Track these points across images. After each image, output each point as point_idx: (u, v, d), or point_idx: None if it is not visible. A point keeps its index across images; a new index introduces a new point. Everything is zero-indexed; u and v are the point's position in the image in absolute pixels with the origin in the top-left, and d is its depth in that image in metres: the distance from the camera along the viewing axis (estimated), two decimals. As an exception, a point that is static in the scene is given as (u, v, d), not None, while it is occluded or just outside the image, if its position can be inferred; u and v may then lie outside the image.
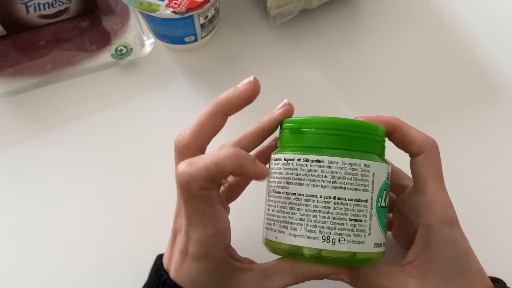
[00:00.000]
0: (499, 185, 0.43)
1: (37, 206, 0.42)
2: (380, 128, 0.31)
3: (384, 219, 0.30)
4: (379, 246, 0.29)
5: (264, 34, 0.50)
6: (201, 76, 0.48)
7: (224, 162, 0.26)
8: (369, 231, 0.29)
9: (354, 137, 0.29)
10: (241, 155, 0.27)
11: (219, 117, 0.30)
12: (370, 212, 0.29)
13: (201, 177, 0.26)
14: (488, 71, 0.48)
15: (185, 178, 0.27)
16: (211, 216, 0.28)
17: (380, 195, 0.29)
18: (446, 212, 0.30)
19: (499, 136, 0.45)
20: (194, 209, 0.28)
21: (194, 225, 0.28)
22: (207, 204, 0.28)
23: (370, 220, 0.29)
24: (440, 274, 0.30)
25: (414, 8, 0.52)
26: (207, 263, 0.29)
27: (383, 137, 0.31)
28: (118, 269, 0.39)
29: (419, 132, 0.32)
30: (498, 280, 0.32)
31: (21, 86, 0.46)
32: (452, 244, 0.30)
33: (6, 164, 0.44)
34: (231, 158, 0.26)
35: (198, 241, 0.28)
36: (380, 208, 0.29)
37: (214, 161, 0.26)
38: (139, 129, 0.45)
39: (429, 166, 0.31)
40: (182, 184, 0.27)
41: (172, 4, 0.42)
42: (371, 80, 0.48)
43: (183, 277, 0.30)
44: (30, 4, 0.46)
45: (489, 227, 0.40)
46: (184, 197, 0.28)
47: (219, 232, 0.29)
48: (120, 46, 0.48)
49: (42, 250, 0.40)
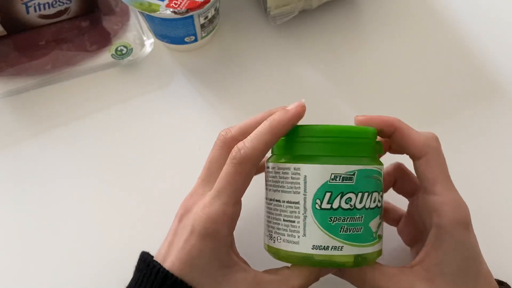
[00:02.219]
0: (499, 185, 0.43)
1: (37, 206, 0.42)
2: (316, 129, 0.30)
3: (330, 222, 0.29)
4: (321, 248, 0.29)
5: (264, 34, 0.50)
6: (201, 76, 0.48)
7: (270, 133, 0.30)
8: (304, 232, 0.29)
9: (289, 142, 0.31)
10: (276, 119, 0.30)
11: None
12: (304, 213, 0.29)
13: (254, 151, 0.29)
14: (488, 71, 0.48)
15: (243, 153, 0.29)
16: (237, 198, 0.30)
17: (318, 196, 0.29)
18: (460, 213, 0.30)
19: (499, 136, 0.45)
20: (232, 182, 0.29)
21: (220, 197, 0.29)
22: (244, 184, 0.30)
23: (304, 221, 0.29)
24: (448, 277, 0.29)
25: (414, 8, 0.52)
26: (211, 242, 0.29)
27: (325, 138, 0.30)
28: (118, 269, 0.39)
29: (419, 133, 0.32)
30: (503, 283, 0.32)
31: (21, 86, 0.46)
32: (463, 247, 0.30)
33: (6, 164, 0.44)
34: (271, 126, 0.30)
35: (215, 215, 0.29)
36: (319, 210, 0.29)
37: (263, 135, 0.30)
38: (139, 129, 0.45)
39: (435, 167, 0.31)
40: (239, 158, 0.29)
41: (172, 4, 0.42)
42: (371, 80, 0.48)
43: (181, 259, 0.29)
44: (30, 4, 0.45)
45: (490, 228, 0.40)
46: (233, 168, 0.29)
47: (234, 214, 0.30)
48: (120, 46, 0.48)
49: (42, 250, 0.40)
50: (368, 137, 0.31)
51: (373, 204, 0.30)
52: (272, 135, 0.30)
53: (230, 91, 0.47)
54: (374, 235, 0.30)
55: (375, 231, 0.30)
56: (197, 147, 0.42)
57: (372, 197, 0.30)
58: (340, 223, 0.29)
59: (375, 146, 0.31)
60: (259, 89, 0.47)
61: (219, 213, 0.29)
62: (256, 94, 0.47)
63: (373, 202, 0.30)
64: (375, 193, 0.30)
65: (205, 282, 0.29)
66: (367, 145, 0.30)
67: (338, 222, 0.29)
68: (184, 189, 0.34)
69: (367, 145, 0.31)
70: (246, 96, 0.47)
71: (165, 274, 0.29)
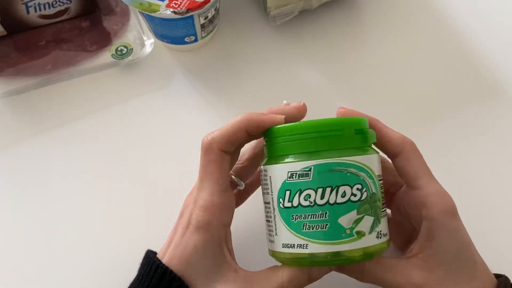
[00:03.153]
0: (499, 185, 0.43)
1: (37, 206, 0.42)
2: (278, 130, 0.30)
3: (292, 220, 0.29)
4: (289, 247, 0.29)
5: (264, 34, 0.50)
6: (201, 76, 0.48)
7: (240, 122, 0.31)
8: (276, 231, 0.30)
9: (266, 144, 0.32)
10: (251, 114, 0.31)
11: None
12: (273, 213, 0.30)
13: (221, 138, 0.31)
14: (488, 71, 0.48)
15: (208, 139, 0.31)
16: (221, 186, 0.31)
17: (281, 195, 0.29)
18: (446, 202, 0.30)
19: (499, 136, 0.45)
20: (208, 171, 0.31)
21: (204, 188, 0.31)
22: (221, 171, 0.31)
23: (274, 221, 0.30)
24: (446, 266, 0.30)
25: (414, 8, 0.52)
26: (205, 235, 0.30)
27: (284, 137, 0.30)
28: (118, 269, 0.39)
29: (394, 131, 0.32)
30: (500, 275, 0.33)
31: (21, 86, 0.46)
32: (456, 235, 0.30)
33: (6, 164, 0.44)
34: (243, 117, 0.31)
35: (203, 205, 0.30)
36: (283, 209, 0.29)
37: (231, 123, 0.31)
38: (139, 128, 0.45)
39: (414, 162, 0.31)
40: (205, 144, 0.31)
41: (172, 4, 0.42)
42: (371, 79, 0.48)
43: (179, 252, 0.30)
44: (31, 4, 0.45)
45: (489, 226, 0.40)
46: (203, 158, 0.31)
47: (223, 204, 0.31)
48: (120, 46, 0.48)
49: (42, 250, 0.40)
50: (333, 129, 0.29)
51: (341, 199, 0.28)
52: (239, 127, 0.31)
53: (230, 91, 0.47)
54: (348, 232, 0.28)
55: (350, 227, 0.28)
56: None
57: (339, 191, 0.28)
58: (302, 221, 0.28)
59: (348, 137, 0.29)
60: (259, 89, 0.47)
61: (207, 204, 0.30)
62: (256, 94, 0.47)
63: (342, 197, 0.28)
64: (344, 186, 0.28)
65: (198, 280, 0.30)
66: (333, 137, 0.29)
67: (300, 220, 0.28)
68: (185, 188, 0.34)
69: (333, 138, 0.29)
70: (246, 96, 0.47)
71: (164, 270, 0.30)
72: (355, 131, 0.30)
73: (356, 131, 0.30)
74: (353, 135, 0.30)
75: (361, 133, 0.30)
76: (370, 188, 0.29)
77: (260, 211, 0.33)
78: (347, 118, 0.31)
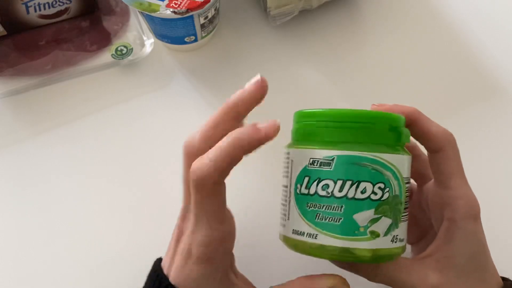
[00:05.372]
0: (499, 185, 0.43)
1: (37, 205, 0.42)
2: (303, 114, 0.29)
3: (306, 208, 0.28)
4: (298, 234, 0.28)
5: (264, 34, 0.50)
6: (201, 76, 0.48)
7: (233, 149, 0.26)
8: (288, 216, 0.29)
9: (294, 126, 0.30)
10: (241, 135, 0.27)
11: (229, 120, 0.30)
12: (289, 197, 0.29)
13: (215, 170, 0.26)
14: (488, 70, 0.48)
15: (199, 174, 0.27)
16: (219, 219, 0.28)
17: (299, 181, 0.28)
18: (471, 206, 0.30)
19: (499, 136, 0.45)
20: (204, 208, 0.28)
21: (201, 226, 0.28)
22: (218, 203, 0.28)
23: (289, 205, 0.29)
24: (459, 269, 0.30)
25: (414, 8, 0.52)
26: (209, 267, 0.29)
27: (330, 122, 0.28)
28: (118, 268, 0.39)
29: (438, 127, 0.31)
30: (507, 278, 0.32)
31: (21, 86, 0.46)
32: (474, 239, 0.30)
33: (6, 164, 0.44)
34: (234, 142, 0.27)
35: (203, 243, 0.28)
36: (298, 195, 0.28)
37: (223, 153, 0.26)
38: (139, 128, 0.45)
39: (452, 161, 0.30)
40: (197, 180, 0.27)
41: (172, 4, 0.42)
42: (371, 79, 0.48)
43: (182, 280, 0.29)
44: (30, 4, 0.46)
45: (490, 228, 0.40)
46: (197, 194, 0.27)
47: (225, 236, 0.29)
48: (120, 46, 0.48)
49: (42, 250, 0.40)
50: (365, 121, 0.28)
51: (361, 195, 0.27)
52: (234, 155, 0.27)
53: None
54: (362, 230, 0.27)
55: (365, 225, 0.27)
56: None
57: (360, 187, 0.27)
58: (316, 210, 0.27)
59: (380, 132, 0.28)
60: (259, 89, 0.47)
61: (207, 240, 0.28)
62: (256, 94, 0.47)
63: (362, 193, 0.27)
64: (365, 183, 0.27)
65: None
66: (363, 130, 0.28)
67: (314, 209, 0.28)
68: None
69: (363, 130, 0.28)
70: (246, 96, 0.47)
71: None
72: (389, 128, 0.28)
73: (391, 127, 0.28)
74: (386, 132, 0.28)
75: (394, 130, 0.28)
76: (394, 189, 0.28)
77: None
78: (383, 113, 0.29)
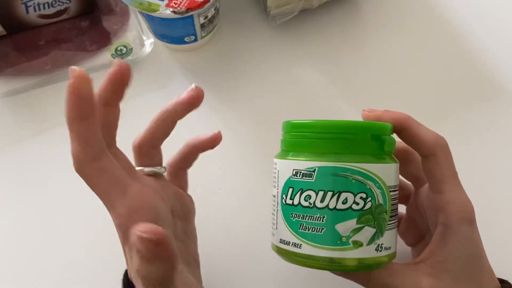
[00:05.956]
0: (499, 185, 0.43)
1: (37, 206, 0.42)
2: (290, 124, 0.30)
3: (291, 218, 0.28)
4: (285, 243, 0.29)
5: (264, 34, 0.50)
6: (201, 76, 0.48)
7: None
8: (276, 225, 0.30)
9: (282, 137, 0.31)
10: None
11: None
12: (277, 207, 0.30)
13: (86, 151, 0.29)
14: (488, 71, 0.48)
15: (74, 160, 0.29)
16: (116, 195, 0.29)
17: (284, 191, 0.29)
18: (466, 211, 0.30)
19: (499, 136, 0.45)
20: (97, 191, 0.30)
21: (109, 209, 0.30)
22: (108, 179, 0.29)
23: (277, 215, 0.30)
24: (453, 273, 0.29)
25: (414, 8, 0.52)
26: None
27: (312, 133, 0.29)
28: (118, 269, 0.39)
29: (428, 131, 0.31)
30: (504, 281, 0.32)
31: (21, 86, 0.46)
32: (468, 243, 0.30)
33: (6, 164, 0.44)
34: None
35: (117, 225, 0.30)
36: (284, 205, 0.29)
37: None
38: (139, 128, 0.45)
39: (444, 166, 0.30)
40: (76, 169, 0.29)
41: (172, 4, 0.42)
42: (371, 79, 0.48)
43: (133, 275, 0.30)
44: (30, 4, 0.46)
45: (490, 228, 0.40)
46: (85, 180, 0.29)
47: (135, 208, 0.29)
48: (120, 46, 0.48)
49: (42, 250, 0.40)
50: (344, 132, 0.28)
51: (342, 205, 0.27)
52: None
53: (230, 91, 0.47)
54: (344, 240, 0.27)
55: (347, 235, 0.27)
56: (217, 188, 0.43)
57: (341, 197, 0.27)
58: (300, 220, 0.28)
59: (361, 142, 0.28)
60: (258, 88, 0.47)
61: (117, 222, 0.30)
62: (256, 93, 0.47)
63: (343, 204, 0.27)
64: (346, 193, 0.27)
65: None
66: (344, 141, 0.28)
67: (298, 219, 0.28)
68: (184, 189, 0.34)
69: (343, 141, 0.28)
70: (245, 96, 0.47)
71: None
72: (372, 137, 0.28)
73: (373, 137, 0.28)
74: (368, 141, 0.28)
75: (377, 139, 0.28)
76: (377, 199, 0.28)
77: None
78: (365, 122, 0.29)
